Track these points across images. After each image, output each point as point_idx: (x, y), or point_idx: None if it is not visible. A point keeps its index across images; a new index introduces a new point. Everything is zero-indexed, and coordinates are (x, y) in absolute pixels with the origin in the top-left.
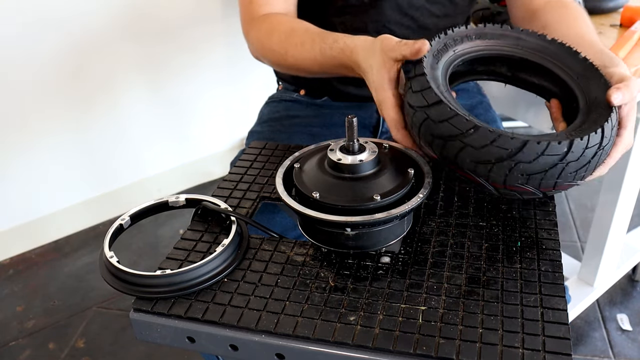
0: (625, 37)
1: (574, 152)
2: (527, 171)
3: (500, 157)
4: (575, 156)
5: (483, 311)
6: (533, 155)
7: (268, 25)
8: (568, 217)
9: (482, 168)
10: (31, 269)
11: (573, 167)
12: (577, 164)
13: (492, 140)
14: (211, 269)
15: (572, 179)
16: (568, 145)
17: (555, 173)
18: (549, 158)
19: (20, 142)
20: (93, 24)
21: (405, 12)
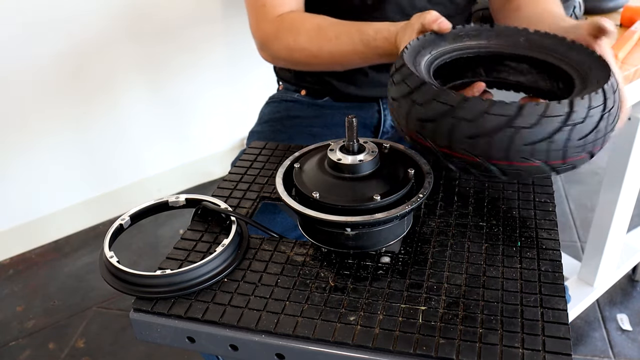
0: (625, 37)
1: (577, 112)
2: (530, 139)
3: (498, 126)
4: (579, 116)
5: (483, 311)
6: (533, 118)
7: (290, 24)
8: (568, 217)
9: (481, 143)
10: (31, 269)
11: (580, 131)
12: (584, 126)
13: (486, 108)
14: (211, 269)
15: (583, 148)
16: (569, 105)
17: (561, 139)
18: (552, 120)
19: (20, 142)
20: (93, 24)
21: (408, 14)
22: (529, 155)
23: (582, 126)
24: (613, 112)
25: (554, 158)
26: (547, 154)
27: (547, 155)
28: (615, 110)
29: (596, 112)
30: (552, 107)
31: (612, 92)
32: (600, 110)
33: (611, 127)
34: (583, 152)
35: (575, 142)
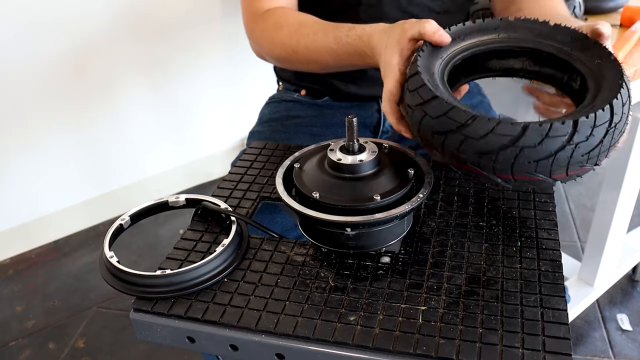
0: (625, 37)
1: (581, 132)
2: (534, 157)
3: (502, 145)
4: (582, 136)
5: (483, 311)
6: (537, 138)
7: (275, 19)
8: (568, 217)
9: (486, 159)
10: (31, 269)
11: (584, 148)
12: (588, 144)
13: (492, 128)
14: (211, 269)
15: (586, 162)
16: (573, 125)
17: (564, 157)
18: (555, 140)
19: (20, 142)
20: (93, 25)
21: (405, 9)
22: (532, 171)
23: (586, 144)
24: (619, 126)
25: (558, 173)
26: (551, 170)
27: (551, 170)
28: (623, 121)
29: (601, 129)
30: (555, 128)
31: (621, 106)
32: (605, 126)
33: (617, 138)
34: (587, 165)
35: (579, 158)
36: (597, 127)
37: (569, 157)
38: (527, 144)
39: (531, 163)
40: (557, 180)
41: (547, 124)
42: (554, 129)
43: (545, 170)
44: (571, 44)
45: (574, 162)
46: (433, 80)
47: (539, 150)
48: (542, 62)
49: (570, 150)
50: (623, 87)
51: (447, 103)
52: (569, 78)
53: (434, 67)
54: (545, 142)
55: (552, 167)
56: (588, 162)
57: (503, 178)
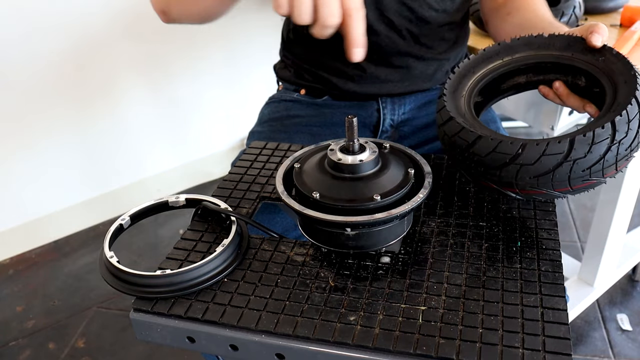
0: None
1: (578, 149)
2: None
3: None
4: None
5: (483, 311)
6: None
7: None
8: (568, 217)
9: (545, 179)
10: (31, 269)
11: (583, 164)
12: (587, 161)
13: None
14: (211, 269)
15: (589, 176)
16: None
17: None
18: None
19: (20, 142)
20: (93, 25)
21: (403, 2)
22: (587, 178)
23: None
24: (627, 142)
25: (560, 187)
26: (552, 184)
27: (552, 185)
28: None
29: (635, 122)
30: (551, 146)
31: (626, 122)
32: (638, 118)
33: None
34: (591, 179)
35: (580, 173)
36: (632, 121)
37: (615, 155)
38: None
39: (585, 171)
40: (564, 193)
41: (590, 132)
42: (597, 135)
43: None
44: (570, 48)
45: (621, 158)
46: (467, 121)
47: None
48: (546, 71)
49: (616, 148)
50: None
51: (458, 124)
52: (573, 78)
53: (462, 107)
54: (593, 149)
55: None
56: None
57: (562, 191)
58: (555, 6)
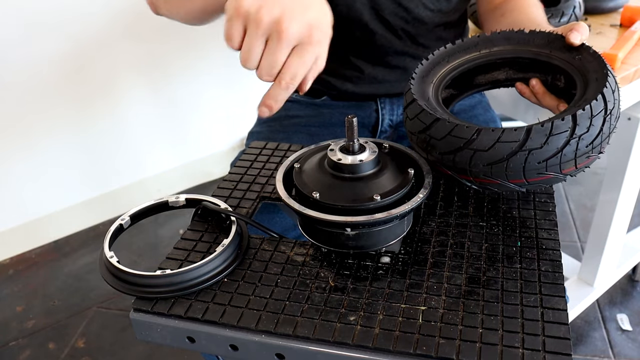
0: (625, 37)
1: (581, 125)
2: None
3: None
4: (583, 128)
5: (483, 311)
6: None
7: None
8: (568, 217)
9: (498, 168)
10: (31, 269)
11: (587, 139)
12: (589, 135)
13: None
14: (211, 269)
15: (545, 169)
16: (572, 120)
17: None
18: (559, 137)
19: (20, 142)
20: (93, 25)
21: (399, 2)
22: (543, 171)
23: (588, 135)
24: (614, 112)
25: (514, 177)
26: (506, 174)
27: (507, 175)
28: (617, 109)
29: (598, 119)
30: (556, 125)
31: (612, 93)
32: (602, 115)
33: (614, 125)
34: (592, 155)
35: (584, 149)
36: (595, 117)
37: (574, 150)
38: (534, 146)
39: (541, 163)
40: (519, 185)
41: (549, 123)
42: (555, 127)
43: (555, 168)
44: (549, 45)
45: (580, 154)
46: (430, 105)
47: (545, 150)
48: (524, 68)
49: (575, 143)
50: (609, 75)
51: (449, 123)
52: (553, 78)
53: (428, 93)
54: (550, 140)
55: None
56: (593, 151)
57: (516, 183)
58: (555, 6)
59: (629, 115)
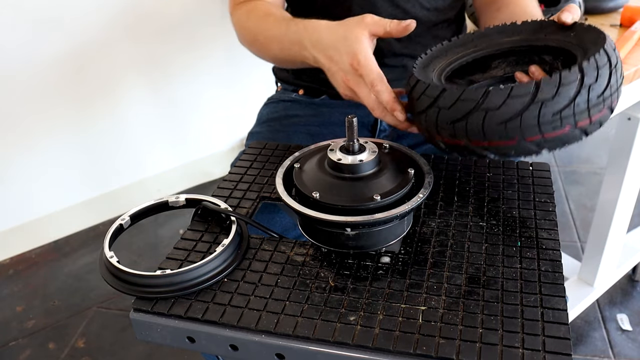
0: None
1: (544, 91)
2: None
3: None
4: (548, 95)
5: (483, 311)
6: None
7: (249, 7)
8: (568, 217)
9: (513, 125)
10: (31, 269)
11: (552, 107)
12: (555, 103)
13: (508, 94)
14: (211, 269)
15: (560, 122)
16: (535, 86)
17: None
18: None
19: (20, 142)
20: (93, 25)
21: (397, 4)
22: (558, 124)
23: (552, 103)
24: (618, 68)
25: (581, 119)
26: (574, 117)
27: (522, 132)
28: (620, 66)
29: (605, 70)
30: (565, 76)
31: (612, 50)
32: (607, 67)
33: (620, 82)
34: (563, 127)
35: (549, 117)
36: (601, 69)
37: (586, 100)
38: (546, 97)
39: (555, 115)
40: (537, 145)
41: (556, 74)
42: (564, 77)
43: (570, 119)
44: (543, 30)
45: (593, 105)
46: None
47: (557, 100)
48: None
49: (586, 93)
50: (607, 37)
51: (457, 89)
52: (552, 66)
53: (431, 78)
54: (561, 91)
55: (575, 114)
56: (604, 103)
57: (533, 142)
58: (555, 6)
59: (629, 115)
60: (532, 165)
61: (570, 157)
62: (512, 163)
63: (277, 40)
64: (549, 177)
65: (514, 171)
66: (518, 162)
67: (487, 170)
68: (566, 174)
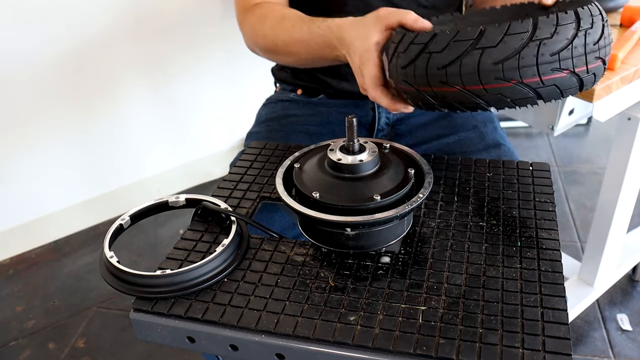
0: (625, 37)
1: (543, 30)
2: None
3: (523, 44)
4: (546, 33)
5: (483, 311)
6: (550, 29)
7: (261, 11)
8: (568, 217)
9: (511, 65)
10: (31, 269)
11: (551, 47)
12: (554, 43)
13: (505, 31)
14: (211, 269)
15: (558, 64)
16: (532, 24)
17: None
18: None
19: (20, 142)
20: (93, 25)
21: (392, 2)
22: (557, 67)
23: (551, 42)
24: (608, 24)
25: (579, 65)
26: (572, 61)
27: (520, 73)
28: (608, 27)
29: (598, 19)
30: (562, 17)
31: (589, 16)
32: (600, 19)
33: (610, 39)
34: (599, 58)
35: (548, 57)
36: (595, 17)
37: (584, 44)
38: (544, 35)
39: (554, 55)
40: (534, 90)
41: (553, 15)
42: (561, 18)
43: (568, 63)
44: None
45: (543, 62)
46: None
47: (556, 40)
48: None
49: (583, 36)
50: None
51: (450, 32)
52: None
53: None
54: (559, 30)
55: (573, 58)
56: (600, 52)
57: (531, 83)
58: None
59: (629, 115)
60: (532, 165)
61: (570, 157)
62: (512, 163)
63: (302, 44)
64: (549, 177)
65: (514, 171)
66: (518, 162)
67: (487, 170)
68: (566, 174)
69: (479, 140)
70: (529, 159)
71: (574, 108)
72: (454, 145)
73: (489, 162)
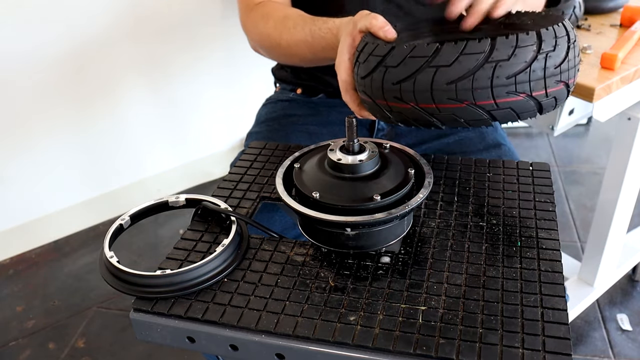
0: (625, 37)
1: (500, 51)
2: (511, 71)
3: (478, 65)
4: (503, 55)
5: (483, 311)
6: (508, 50)
7: (264, 11)
8: (568, 217)
9: (464, 86)
10: (31, 269)
11: (507, 69)
12: (511, 65)
13: (461, 50)
14: (211, 269)
15: (514, 87)
16: (490, 44)
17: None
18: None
19: (20, 142)
20: (94, 25)
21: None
22: (512, 90)
23: (508, 64)
24: (577, 46)
25: (537, 89)
26: (530, 85)
27: (474, 95)
28: (578, 45)
29: (563, 41)
30: (522, 39)
31: (571, 28)
32: (565, 40)
33: (578, 61)
34: (561, 82)
35: (504, 80)
36: (559, 39)
37: (543, 68)
38: (501, 57)
39: (510, 78)
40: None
41: (513, 35)
42: (521, 40)
43: (525, 86)
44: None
45: (549, 75)
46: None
47: (513, 62)
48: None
49: (543, 60)
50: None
51: (406, 47)
52: None
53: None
54: (518, 52)
55: (530, 82)
56: (561, 76)
57: (485, 106)
58: (555, 6)
59: (629, 115)
60: (532, 165)
61: (570, 157)
62: (512, 163)
63: (305, 44)
64: (549, 177)
65: (514, 171)
66: (518, 162)
67: (487, 170)
68: (566, 174)
69: (479, 140)
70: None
71: (574, 108)
72: (454, 145)
73: (489, 162)
